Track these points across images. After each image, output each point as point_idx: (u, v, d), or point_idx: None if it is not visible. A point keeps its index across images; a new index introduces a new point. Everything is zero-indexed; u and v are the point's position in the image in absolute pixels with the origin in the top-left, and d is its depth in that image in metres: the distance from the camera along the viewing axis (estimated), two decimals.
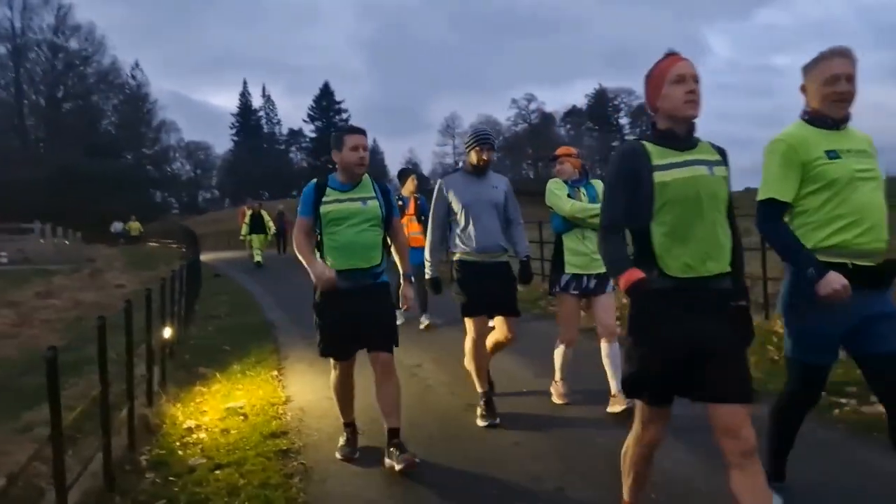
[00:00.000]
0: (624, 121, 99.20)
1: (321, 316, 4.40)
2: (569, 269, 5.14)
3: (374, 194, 4.32)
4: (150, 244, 35.27)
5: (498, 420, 5.02)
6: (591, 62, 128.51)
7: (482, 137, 5.12)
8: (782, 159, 3.08)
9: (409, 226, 8.74)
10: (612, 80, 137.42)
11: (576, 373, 5.66)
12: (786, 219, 3.20)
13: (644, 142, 2.77)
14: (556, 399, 5.47)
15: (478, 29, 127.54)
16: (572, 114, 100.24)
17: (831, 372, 3.40)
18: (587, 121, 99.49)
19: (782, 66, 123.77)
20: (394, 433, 4.33)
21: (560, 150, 5.44)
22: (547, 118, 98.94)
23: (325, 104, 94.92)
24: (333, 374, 4.58)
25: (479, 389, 5.19)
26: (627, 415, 4.42)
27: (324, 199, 4.25)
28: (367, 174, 4.36)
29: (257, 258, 20.10)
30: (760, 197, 3.19)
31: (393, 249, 4.55)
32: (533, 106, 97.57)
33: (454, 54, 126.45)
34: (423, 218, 8.47)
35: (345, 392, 4.62)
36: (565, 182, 5.29)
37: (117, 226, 40.10)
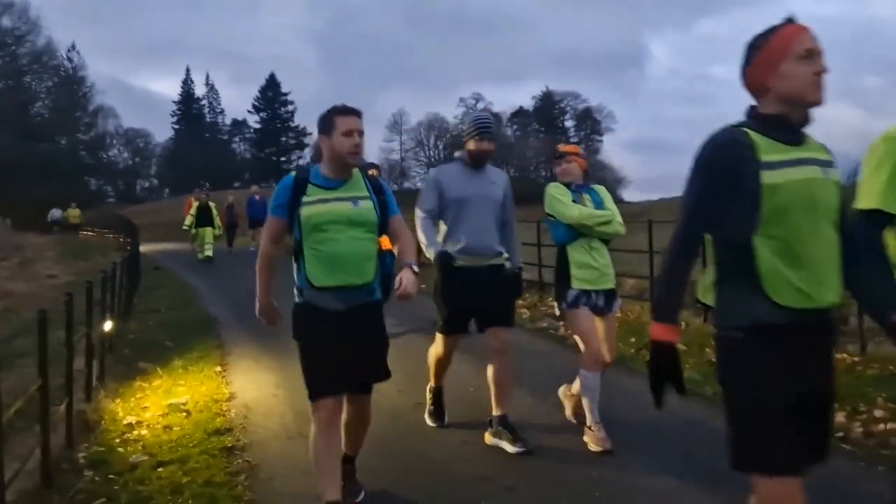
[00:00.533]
0: (569, 123, 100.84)
1: (306, 346, 3.59)
2: (576, 285, 4.50)
3: (366, 193, 3.51)
4: (85, 233, 34.02)
5: (446, 420, 5.05)
6: (537, 64, 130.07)
7: (483, 125, 4.59)
8: None
9: None
10: (558, 82, 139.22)
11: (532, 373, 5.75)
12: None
13: (748, 130, 2.16)
14: (593, 447, 4.41)
15: (427, 25, 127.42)
16: (519, 115, 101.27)
17: None
18: (534, 122, 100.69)
19: (719, 76, 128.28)
20: (350, 463, 3.85)
21: (566, 147, 4.83)
22: (494, 118, 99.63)
23: (271, 95, 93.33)
24: (314, 428, 3.52)
25: (431, 383, 5.02)
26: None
27: (304, 198, 3.41)
28: (355, 169, 3.57)
29: (207, 252, 18.69)
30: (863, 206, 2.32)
31: (396, 247, 3.74)
32: (480, 105, 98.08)
33: (403, 50, 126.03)
34: None
35: (330, 450, 3.49)
36: (567, 186, 4.67)
37: (55, 213, 38.18)
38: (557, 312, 4.80)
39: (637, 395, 5.59)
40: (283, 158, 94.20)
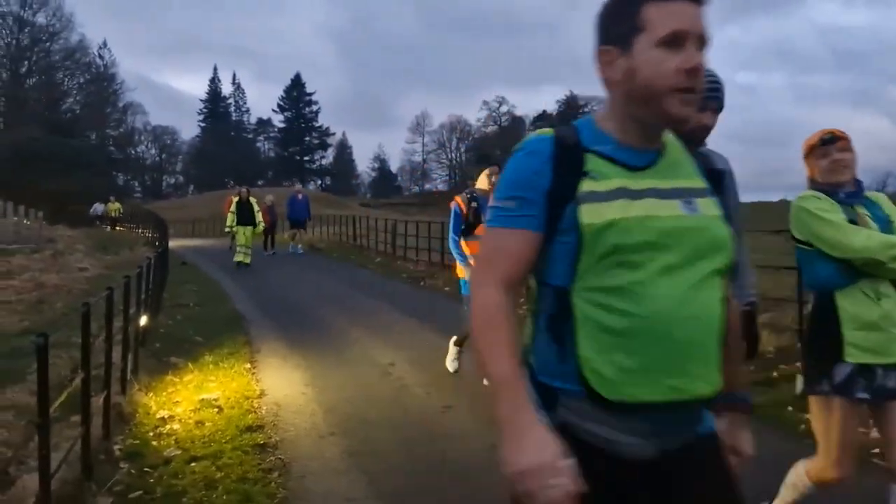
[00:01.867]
0: None
1: None
2: (852, 357, 2.78)
3: (701, 181, 1.63)
4: (124, 228, 34.49)
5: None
6: (558, 68, 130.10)
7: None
8: None
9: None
10: (580, 86, 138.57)
11: None
12: None
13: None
14: None
15: (449, 27, 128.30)
16: (542, 118, 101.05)
17: None
18: (557, 125, 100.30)
19: (743, 83, 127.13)
20: None
21: (836, 131, 2.92)
22: (517, 121, 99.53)
23: (296, 95, 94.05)
24: None
25: None
26: None
27: (585, 184, 1.53)
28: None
29: (242, 258, 16.81)
30: None
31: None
32: (504, 109, 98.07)
33: (426, 52, 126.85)
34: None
35: None
36: (832, 194, 2.88)
37: (98, 207, 38.10)
38: (799, 390, 3.22)
39: None
40: (306, 158, 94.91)
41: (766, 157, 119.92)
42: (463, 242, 5.98)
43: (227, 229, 18.01)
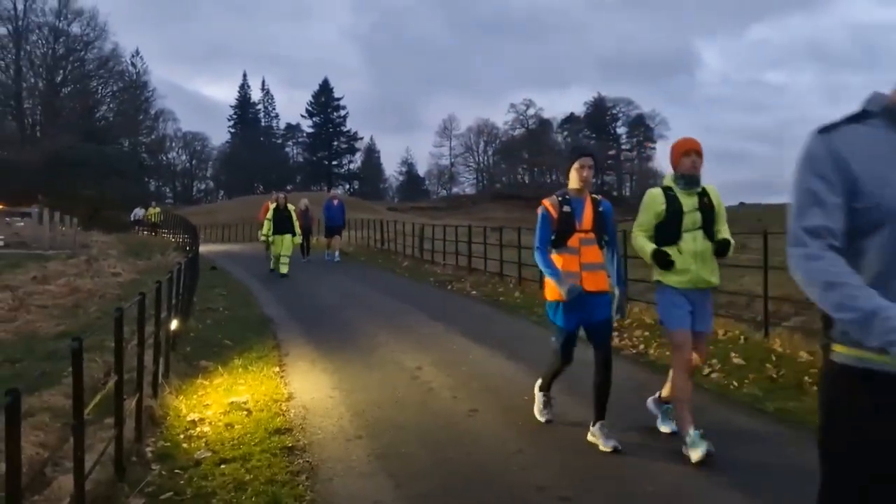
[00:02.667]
0: (622, 130, 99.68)
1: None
2: None
3: None
4: (145, 232, 35.11)
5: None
6: (585, 70, 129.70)
7: None
8: None
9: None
10: (608, 88, 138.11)
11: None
12: None
13: None
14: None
15: (474, 30, 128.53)
16: (570, 121, 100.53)
17: None
18: (585, 128, 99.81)
19: (773, 82, 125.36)
20: None
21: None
22: (545, 124, 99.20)
23: (324, 100, 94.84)
24: None
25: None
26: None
27: None
28: None
29: (282, 268, 15.76)
30: None
31: None
32: (531, 111, 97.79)
33: (452, 56, 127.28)
34: None
35: None
36: None
37: (138, 212, 38.29)
38: None
39: (697, 409, 5.52)
40: (334, 162, 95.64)
41: (796, 157, 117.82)
42: (554, 255, 4.77)
43: (262, 238, 16.91)
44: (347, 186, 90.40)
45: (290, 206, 16.50)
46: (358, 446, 4.79)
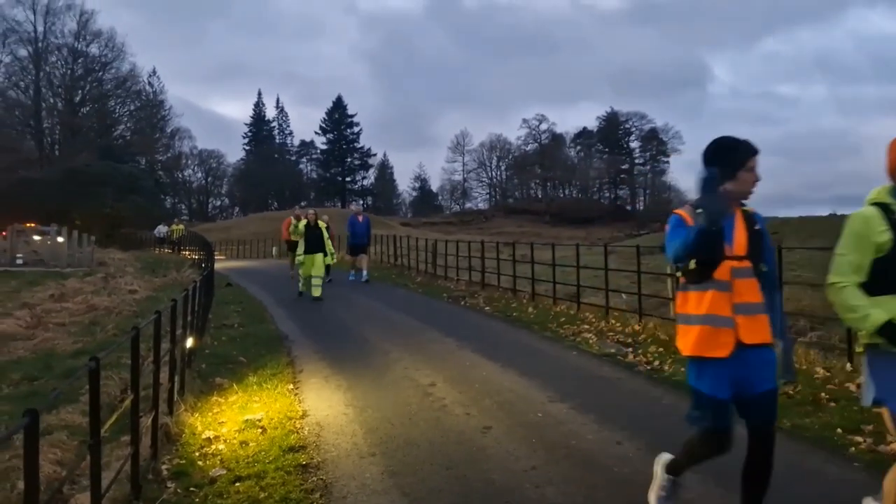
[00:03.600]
0: (634, 144, 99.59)
1: None
2: None
3: None
4: (168, 250, 35.34)
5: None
6: (595, 85, 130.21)
7: None
8: None
9: None
10: (618, 102, 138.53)
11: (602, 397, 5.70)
12: None
13: None
14: None
15: (483, 46, 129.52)
16: (583, 135, 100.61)
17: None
18: (598, 143, 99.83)
19: (784, 95, 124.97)
20: None
21: None
22: (557, 139, 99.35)
23: (338, 117, 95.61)
24: None
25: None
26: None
27: None
28: None
29: (315, 291, 14.26)
30: None
31: None
32: (544, 126, 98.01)
33: (461, 71, 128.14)
34: None
35: None
36: None
37: (162, 229, 37.92)
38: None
39: None
40: (348, 179, 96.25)
41: (811, 170, 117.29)
42: (692, 295, 3.34)
43: (298, 259, 15.33)
44: (361, 202, 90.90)
45: (322, 223, 15.06)
46: (372, 464, 4.80)
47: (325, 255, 14.68)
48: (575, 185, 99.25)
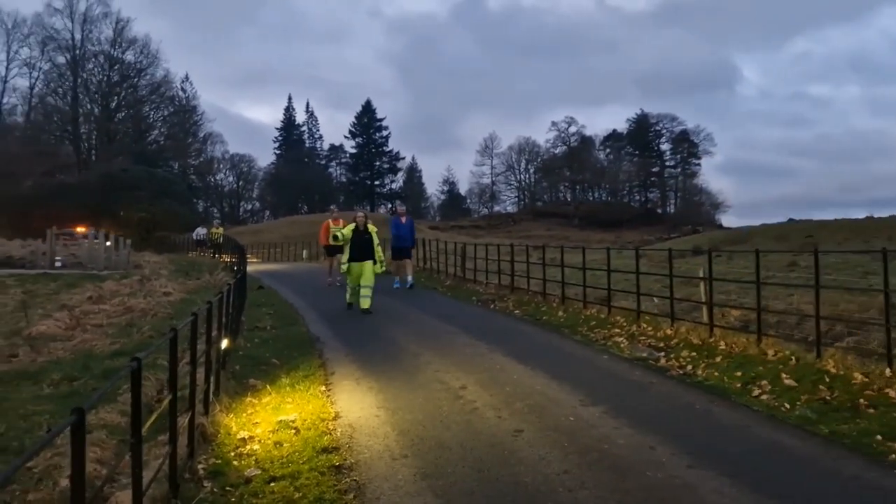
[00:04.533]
0: (665, 146, 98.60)
1: None
2: None
3: None
4: (206, 254, 35.70)
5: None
6: (624, 86, 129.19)
7: None
8: None
9: None
10: (646, 104, 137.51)
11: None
12: None
13: None
14: None
15: (507, 50, 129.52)
16: (612, 138, 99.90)
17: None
18: (627, 145, 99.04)
19: (816, 96, 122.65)
20: None
21: None
22: (586, 141, 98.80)
23: (367, 121, 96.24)
24: None
25: None
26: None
27: None
28: None
29: (363, 302, 12.76)
30: None
31: None
32: (573, 129, 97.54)
33: (486, 74, 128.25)
34: None
35: None
36: None
37: (201, 232, 37.36)
38: None
39: (745, 430, 5.43)
40: (376, 182, 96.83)
41: (845, 172, 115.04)
42: None
43: (342, 267, 13.65)
44: (390, 206, 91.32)
45: (372, 228, 13.41)
46: (404, 465, 4.83)
47: (375, 262, 12.99)
48: (604, 188, 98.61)
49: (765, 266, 9.09)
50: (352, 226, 13.29)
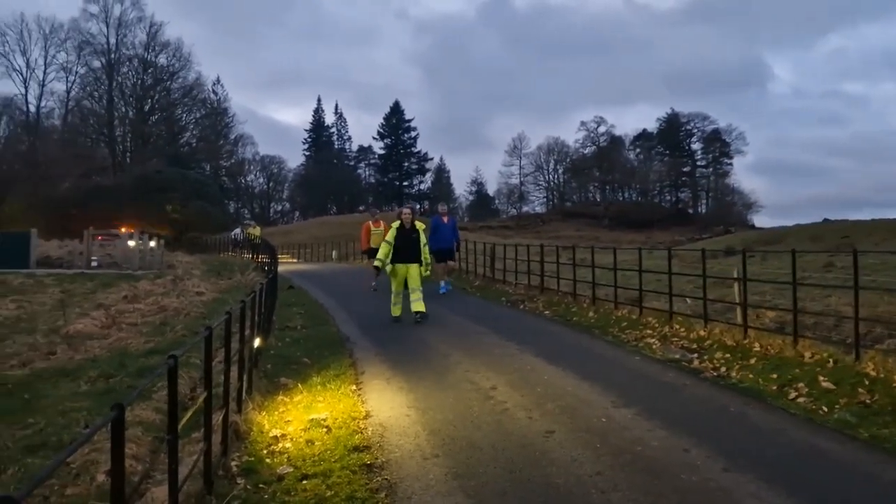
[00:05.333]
0: (696, 146, 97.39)
1: None
2: None
3: None
4: (235, 253, 36.09)
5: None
6: (654, 85, 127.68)
7: None
8: None
9: None
10: (676, 103, 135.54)
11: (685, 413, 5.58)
12: None
13: None
14: None
15: (533, 49, 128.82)
16: (642, 137, 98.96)
17: None
18: (658, 145, 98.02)
19: (852, 93, 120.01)
20: None
21: None
22: (616, 141, 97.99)
23: (395, 122, 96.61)
24: None
25: None
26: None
27: None
28: None
29: (415, 305, 11.39)
30: None
31: None
32: (602, 129, 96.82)
33: (514, 74, 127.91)
34: None
35: None
36: None
37: (238, 232, 35.76)
38: None
39: (781, 433, 5.33)
40: (405, 183, 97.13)
41: (882, 171, 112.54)
42: None
43: (377, 265, 12.02)
44: (418, 206, 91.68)
45: (420, 225, 12.13)
46: (435, 465, 4.83)
47: (421, 264, 11.62)
48: (634, 188, 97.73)
49: (800, 267, 8.92)
50: (396, 224, 11.82)
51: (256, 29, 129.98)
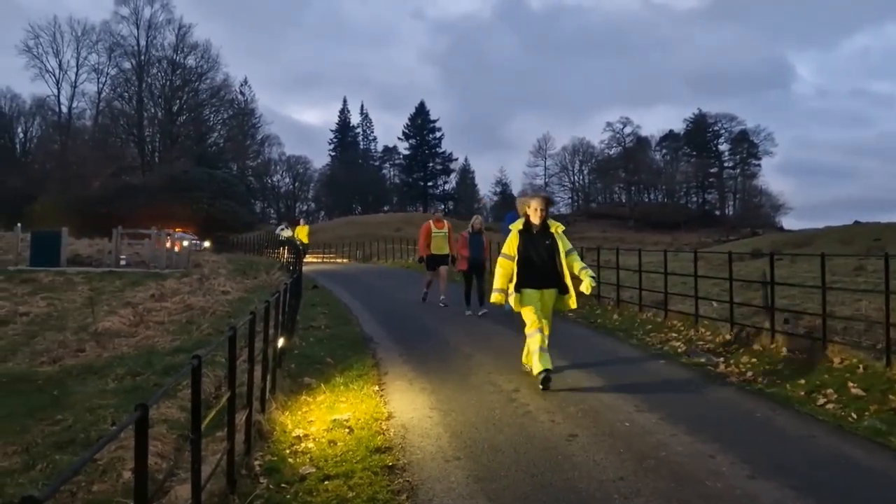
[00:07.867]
0: (724, 147, 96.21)
1: None
2: None
3: None
4: (277, 254, 36.01)
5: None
6: (677, 86, 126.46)
7: None
8: None
9: None
10: (700, 104, 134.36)
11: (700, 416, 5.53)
12: None
13: None
14: None
15: (553, 49, 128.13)
16: (668, 138, 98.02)
17: None
18: (684, 146, 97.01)
19: (878, 93, 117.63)
20: None
21: None
22: (642, 142, 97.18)
23: (420, 122, 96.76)
24: None
25: None
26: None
27: None
28: None
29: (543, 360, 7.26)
30: None
31: None
32: (628, 129, 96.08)
33: (536, 74, 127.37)
34: None
35: None
36: None
37: (286, 232, 32.08)
38: None
39: (809, 440, 5.24)
40: (429, 183, 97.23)
41: None
42: None
43: (496, 300, 7.70)
44: (442, 207, 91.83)
45: (556, 226, 7.80)
46: (457, 467, 4.82)
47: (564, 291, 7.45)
48: (660, 190, 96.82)
49: (830, 270, 8.76)
50: (518, 226, 7.54)
51: (276, 30, 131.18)
